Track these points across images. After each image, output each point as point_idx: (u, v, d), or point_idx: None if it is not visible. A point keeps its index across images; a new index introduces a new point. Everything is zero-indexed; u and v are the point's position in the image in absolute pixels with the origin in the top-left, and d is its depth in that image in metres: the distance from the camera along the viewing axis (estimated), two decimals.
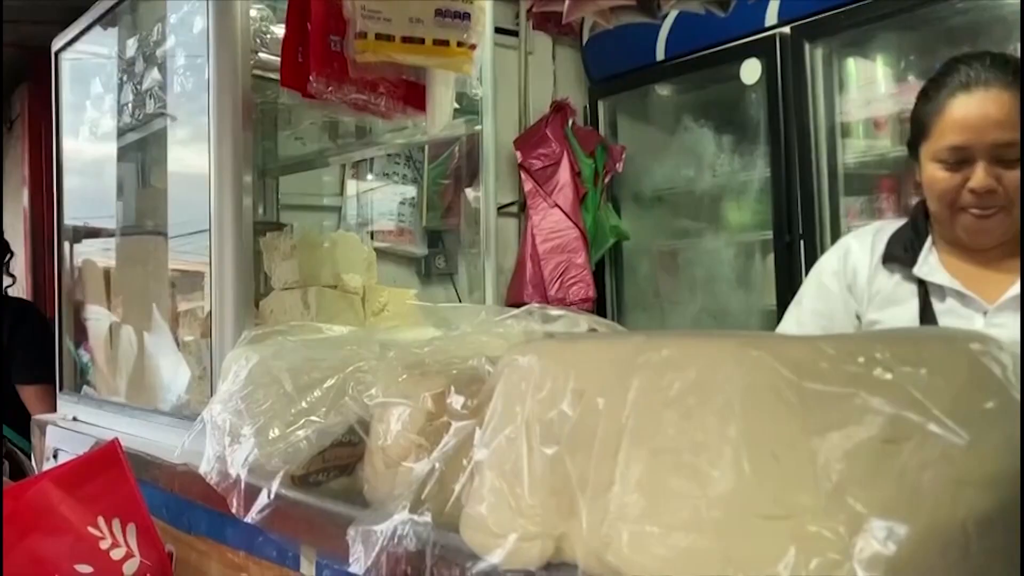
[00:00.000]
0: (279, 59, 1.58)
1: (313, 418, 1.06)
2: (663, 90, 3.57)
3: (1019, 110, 1.38)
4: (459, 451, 0.82)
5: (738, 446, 0.60)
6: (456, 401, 0.88)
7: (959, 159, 1.40)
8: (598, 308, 3.57)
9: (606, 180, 3.56)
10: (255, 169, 2.21)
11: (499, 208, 3.40)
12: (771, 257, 3.03)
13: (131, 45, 2.00)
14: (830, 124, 2.89)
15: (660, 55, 3.31)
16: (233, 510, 1.04)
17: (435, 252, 3.46)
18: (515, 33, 3.55)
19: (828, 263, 1.63)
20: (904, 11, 2.62)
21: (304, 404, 1.09)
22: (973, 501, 0.60)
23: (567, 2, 0.93)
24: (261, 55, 1.66)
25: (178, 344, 1.86)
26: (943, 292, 1.46)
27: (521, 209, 3.61)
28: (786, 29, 2.89)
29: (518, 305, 3.41)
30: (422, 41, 1.47)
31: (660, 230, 3.61)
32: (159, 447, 1.57)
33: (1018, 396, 0.65)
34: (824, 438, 0.59)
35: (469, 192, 3.21)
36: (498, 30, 2.41)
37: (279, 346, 1.29)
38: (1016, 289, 1.40)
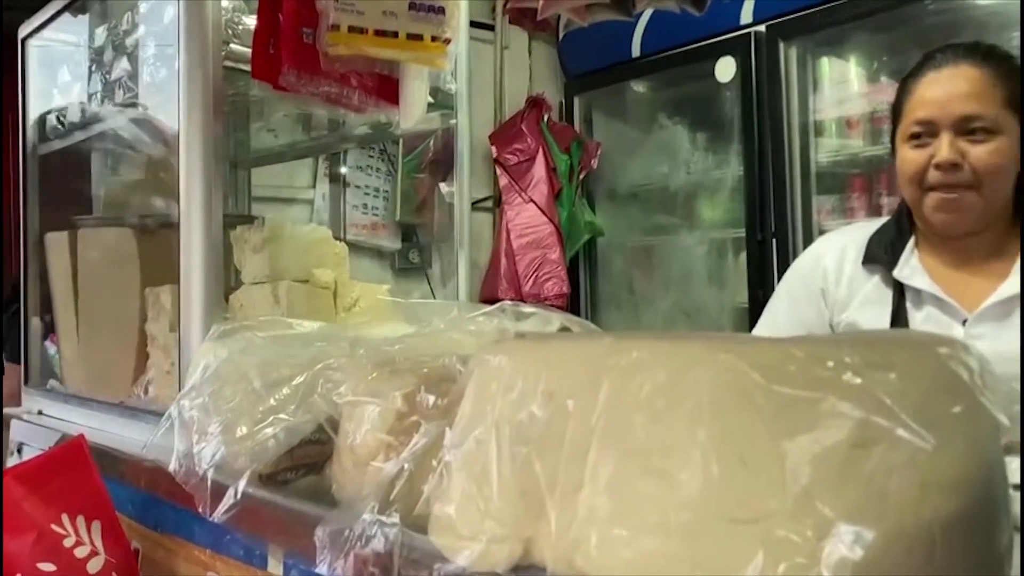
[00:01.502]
0: (251, 50, 1.56)
1: (281, 416, 1.05)
2: (638, 87, 3.58)
3: (1018, 100, 1.37)
4: (429, 451, 0.81)
5: (707, 449, 0.60)
6: (426, 400, 0.87)
7: (926, 133, 1.39)
8: (572, 304, 3.57)
9: (581, 176, 3.57)
10: (226, 161, 2.19)
11: (474, 203, 3.40)
12: (744, 255, 3.04)
13: (100, 34, 1.97)
14: (803, 123, 2.91)
15: (636, 52, 3.32)
16: (200, 509, 1.03)
17: (408, 246, 3.45)
18: (491, 27, 3.54)
19: (799, 269, 1.60)
20: (878, 12, 2.64)
21: (272, 401, 1.08)
22: (939, 504, 0.60)
23: (541, 1, 0.92)
24: (233, 46, 1.64)
25: (146, 337, 1.84)
26: (921, 298, 1.43)
27: (496, 204, 3.60)
28: (761, 28, 2.91)
29: (492, 300, 3.41)
30: (396, 35, 1.45)
31: (634, 227, 3.62)
32: (126, 442, 1.55)
33: (985, 400, 0.65)
34: (793, 442, 0.59)
35: (443, 186, 3.20)
36: (474, 24, 2.39)
37: (248, 342, 1.27)
38: (997, 296, 1.37)
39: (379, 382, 0.97)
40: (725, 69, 3.00)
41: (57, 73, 2.28)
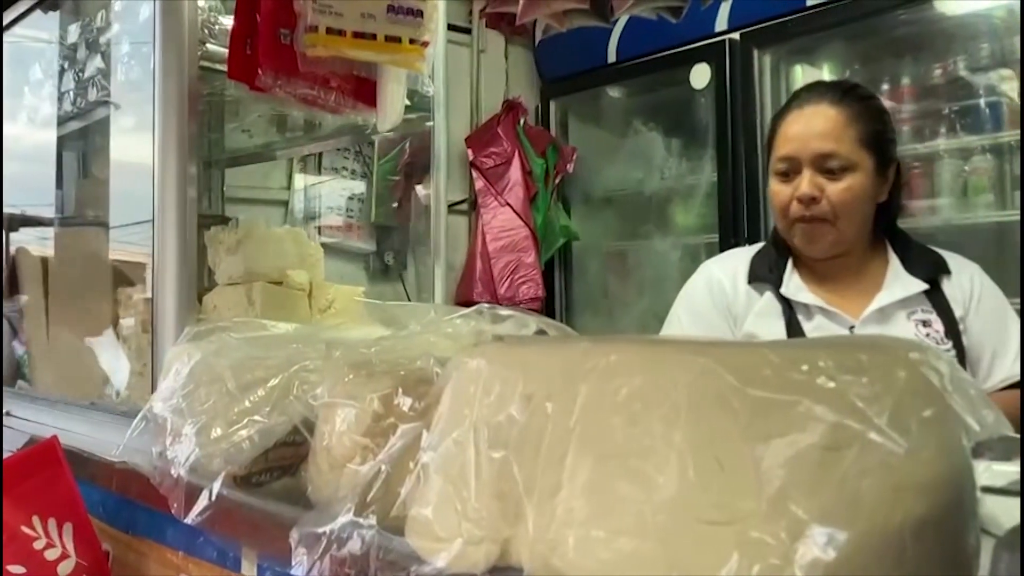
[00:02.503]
0: (227, 50, 1.55)
1: (256, 418, 1.05)
2: (614, 92, 3.60)
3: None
4: (405, 453, 0.81)
5: (683, 452, 0.61)
6: (403, 403, 0.87)
7: (789, 169, 1.53)
8: (547, 307, 3.58)
9: (557, 180, 3.58)
10: (200, 161, 2.18)
11: (449, 205, 3.39)
12: None
13: (73, 31, 1.96)
14: None
15: (611, 57, 3.34)
16: (174, 511, 1.02)
17: (384, 248, 3.44)
18: (468, 31, 3.55)
19: (697, 291, 1.71)
20: (850, 21, 2.68)
21: (247, 403, 1.07)
22: (910, 507, 0.61)
23: (520, 5, 0.92)
24: (209, 46, 1.63)
25: (118, 338, 1.82)
26: (809, 310, 1.56)
27: (472, 207, 3.60)
28: (736, 35, 2.94)
29: (467, 303, 3.42)
30: (374, 37, 1.45)
31: (609, 231, 3.64)
32: (96, 443, 1.54)
33: (954, 404, 0.67)
34: (767, 445, 0.60)
35: (419, 189, 3.20)
36: (451, 27, 2.40)
37: (222, 343, 1.26)
38: (875, 304, 1.52)
39: (355, 384, 0.97)
40: (700, 76, 3.02)
41: (28, 70, 2.26)
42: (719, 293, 1.66)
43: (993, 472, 0.96)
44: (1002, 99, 2.57)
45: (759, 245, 1.72)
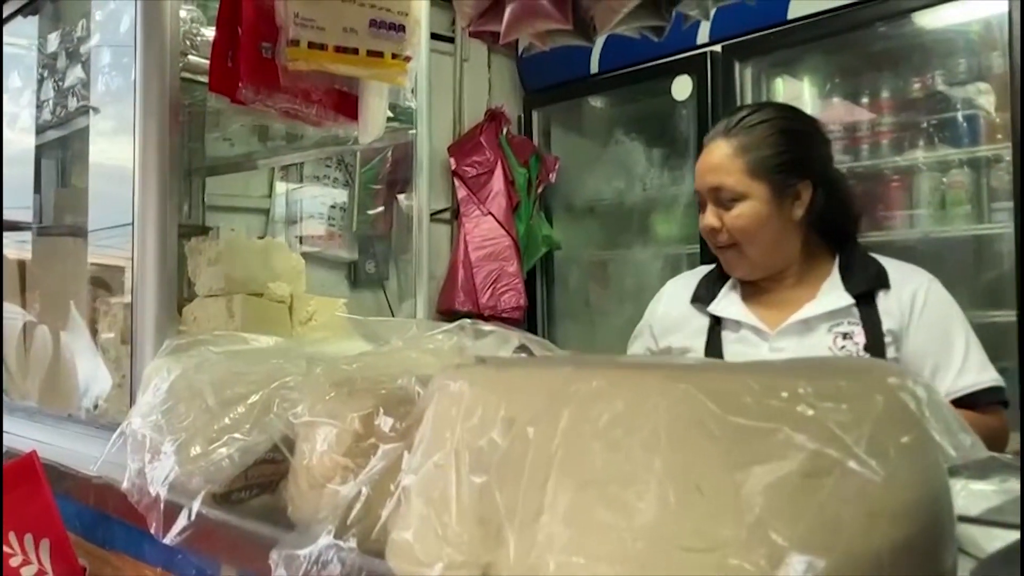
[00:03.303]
0: (209, 62, 1.54)
1: (236, 435, 1.04)
2: (596, 102, 3.61)
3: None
4: (386, 475, 0.81)
5: (663, 478, 0.61)
6: (385, 423, 0.87)
7: (700, 201, 1.65)
8: (529, 317, 3.59)
9: (539, 190, 3.59)
10: (181, 170, 2.16)
11: (432, 214, 3.40)
12: None
13: (53, 39, 1.94)
14: None
15: (594, 68, 3.35)
16: (152, 530, 1.01)
17: (366, 257, 3.42)
18: (451, 40, 3.55)
19: (647, 311, 1.85)
20: (830, 35, 2.71)
21: (227, 420, 1.07)
22: (887, 532, 0.62)
23: (503, 25, 0.93)
24: (190, 57, 1.62)
25: (97, 349, 1.80)
26: (737, 324, 1.65)
27: (454, 216, 3.60)
28: (717, 48, 2.95)
29: (449, 312, 3.40)
30: (356, 51, 1.45)
31: (591, 241, 3.65)
32: (74, 456, 1.52)
33: (931, 430, 0.67)
34: (747, 472, 0.60)
35: (402, 198, 3.20)
36: (434, 36, 2.40)
37: (202, 358, 1.25)
38: (796, 316, 1.59)
39: (336, 402, 0.96)
40: (682, 88, 3.04)
41: (6, 77, 2.24)
42: (649, 314, 1.82)
43: (970, 491, 0.97)
44: (979, 112, 2.60)
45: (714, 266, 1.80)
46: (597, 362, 0.76)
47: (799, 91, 3.01)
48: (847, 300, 1.57)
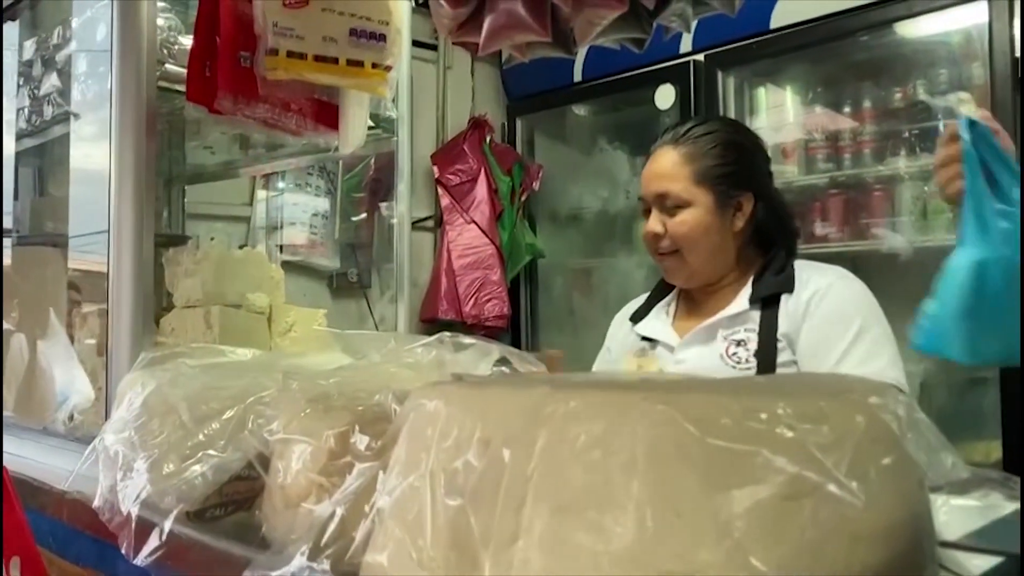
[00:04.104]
0: (186, 71, 1.52)
1: (211, 452, 1.02)
2: (580, 111, 3.61)
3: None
4: (362, 495, 0.80)
5: (641, 502, 0.60)
6: (360, 441, 0.86)
7: (644, 208, 1.66)
8: (513, 325, 3.57)
9: (523, 198, 3.57)
10: (160, 178, 2.14)
11: (415, 222, 3.38)
12: None
13: (29, 47, 1.91)
14: None
15: (578, 76, 3.34)
16: (123, 550, 0.99)
17: (348, 265, 3.40)
18: (434, 47, 3.54)
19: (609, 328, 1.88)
20: (812, 45, 2.71)
21: (201, 437, 1.05)
22: (867, 555, 0.61)
23: (482, 37, 0.92)
24: (168, 66, 1.60)
25: (74, 360, 1.78)
26: (654, 340, 1.70)
27: (437, 224, 3.58)
28: (700, 57, 2.95)
29: (432, 320, 3.37)
30: (335, 61, 1.43)
31: (575, 249, 3.64)
32: (48, 471, 1.50)
33: (911, 450, 0.67)
34: (726, 495, 0.59)
35: (384, 206, 3.18)
36: (417, 44, 2.39)
37: (177, 372, 1.24)
38: (701, 324, 1.62)
39: (312, 419, 0.95)
40: (665, 96, 3.04)
41: None
42: (613, 328, 1.85)
43: (951, 507, 0.96)
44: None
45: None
46: (574, 382, 0.75)
47: (782, 100, 3.02)
48: (742, 306, 1.59)
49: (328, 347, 1.52)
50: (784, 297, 1.58)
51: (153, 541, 0.95)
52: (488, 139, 3.54)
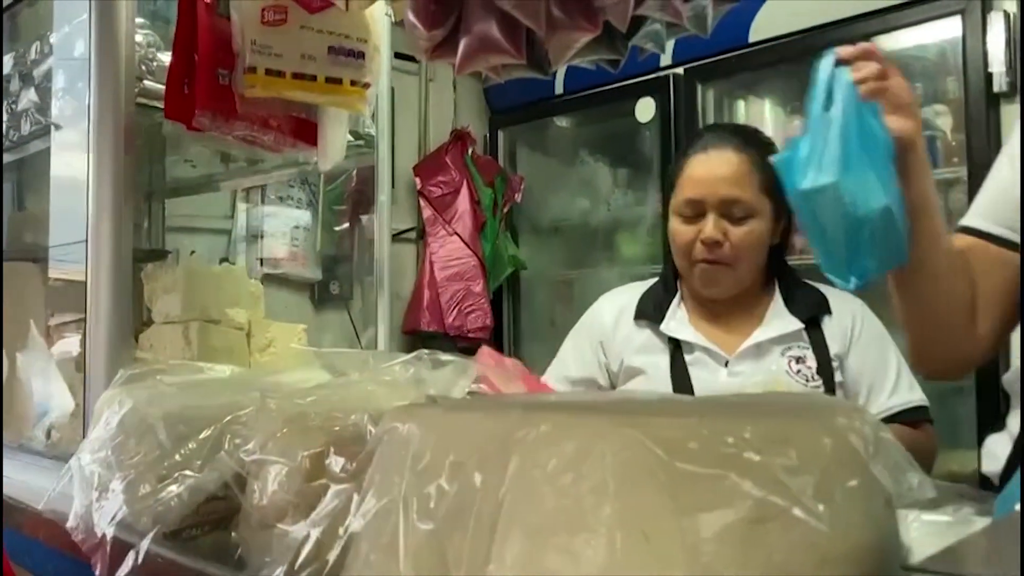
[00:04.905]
0: (165, 88, 1.52)
1: (187, 472, 1.02)
2: (561, 122, 3.62)
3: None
4: (336, 517, 0.80)
5: (611, 525, 0.60)
6: (335, 463, 0.86)
7: (694, 212, 1.57)
8: (495, 336, 3.58)
9: (505, 210, 3.59)
10: (140, 192, 2.14)
11: (398, 234, 3.39)
12: None
13: (7, 61, 1.91)
14: None
15: (559, 89, 3.37)
16: (96, 573, 0.99)
17: (329, 277, 3.40)
18: (416, 60, 3.54)
19: (583, 323, 1.80)
20: (790, 59, 2.74)
21: (178, 457, 1.05)
22: None
23: (458, 59, 0.93)
24: (146, 83, 1.60)
25: (52, 377, 1.77)
26: (691, 346, 1.63)
27: (420, 235, 3.59)
28: (679, 70, 2.98)
29: (415, 332, 3.37)
30: (314, 78, 1.44)
31: (557, 260, 3.66)
32: (24, 488, 1.49)
33: (876, 471, 0.68)
34: (695, 518, 0.60)
35: (365, 218, 3.18)
36: (399, 56, 2.39)
37: (155, 390, 1.24)
38: (750, 341, 1.59)
39: (288, 440, 0.95)
40: (645, 109, 3.06)
41: None
42: (598, 329, 1.74)
43: (923, 522, 0.97)
44: (937, 134, 2.64)
45: (652, 281, 1.78)
46: (547, 404, 0.76)
47: (761, 112, 3.05)
48: (797, 324, 1.59)
49: (307, 363, 1.51)
50: (826, 319, 1.60)
51: (128, 564, 0.95)
52: (470, 151, 3.55)
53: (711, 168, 1.56)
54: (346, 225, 3.40)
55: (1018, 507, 0.73)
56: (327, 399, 1.07)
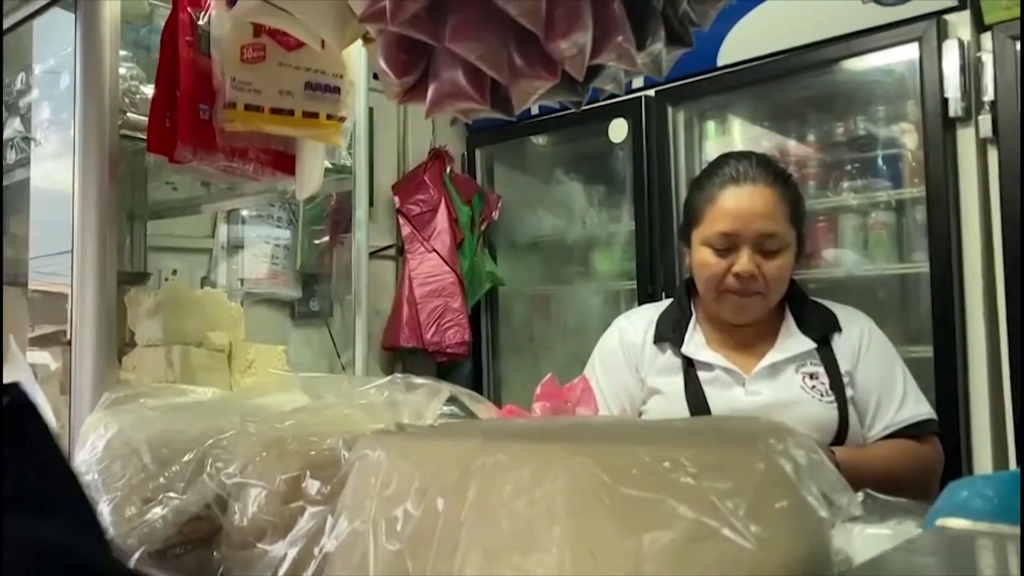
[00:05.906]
0: (147, 122, 1.57)
1: (171, 494, 1.07)
2: (538, 141, 3.69)
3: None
4: (312, 537, 0.86)
5: (561, 545, 0.66)
6: (311, 486, 0.92)
7: (727, 245, 1.59)
8: (474, 352, 3.63)
9: (483, 227, 3.65)
10: (122, 213, 2.18)
11: (377, 251, 3.44)
12: (635, 305, 3.16)
13: None
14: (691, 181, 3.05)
15: (535, 110, 3.43)
16: None
17: (309, 295, 3.44)
18: None
19: (610, 346, 1.80)
20: (758, 82, 2.82)
21: (162, 479, 1.10)
22: None
23: (427, 104, 0.99)
24: (129, 115, 1.65)
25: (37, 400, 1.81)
26: (709, 366, 1.66)
27: (399, 253, 3.64)
28: (651, 92, 3.05)
29: (394, 348, 3.40)
30: (291, 113, 1.50)
31: (534, 276, 3.72)
32: None
33: (806, 493, 0.74)
34: (637, 538, 0.66)
35: (345, 236, 3.23)
36: (378, 76, 2.45)
37: (138, 414, 1.29)
38: (765, 361, 1.63)
39: (267, 464, 1.01)
40: (618, 130, 3.13)
41: None
42: (630, 350, 1.75)
43: (866, 535, 1.04)
44: (899, 156, 2.72)
45: (667, 302, 1.82)
46: (505, 432, 0.82)
47: (730, 133, 3.13)
48: (809, 344, 1.63)
49: (287, 385, 1.57)
50: (835, 336, 1.65)
51: None
52: (448, 169, 3.61)
53: (746, 203, 1.57)
54: (326, 240, 3.44)
55: (939, 522, 0.79)
56: (304, 423, 1.13)
